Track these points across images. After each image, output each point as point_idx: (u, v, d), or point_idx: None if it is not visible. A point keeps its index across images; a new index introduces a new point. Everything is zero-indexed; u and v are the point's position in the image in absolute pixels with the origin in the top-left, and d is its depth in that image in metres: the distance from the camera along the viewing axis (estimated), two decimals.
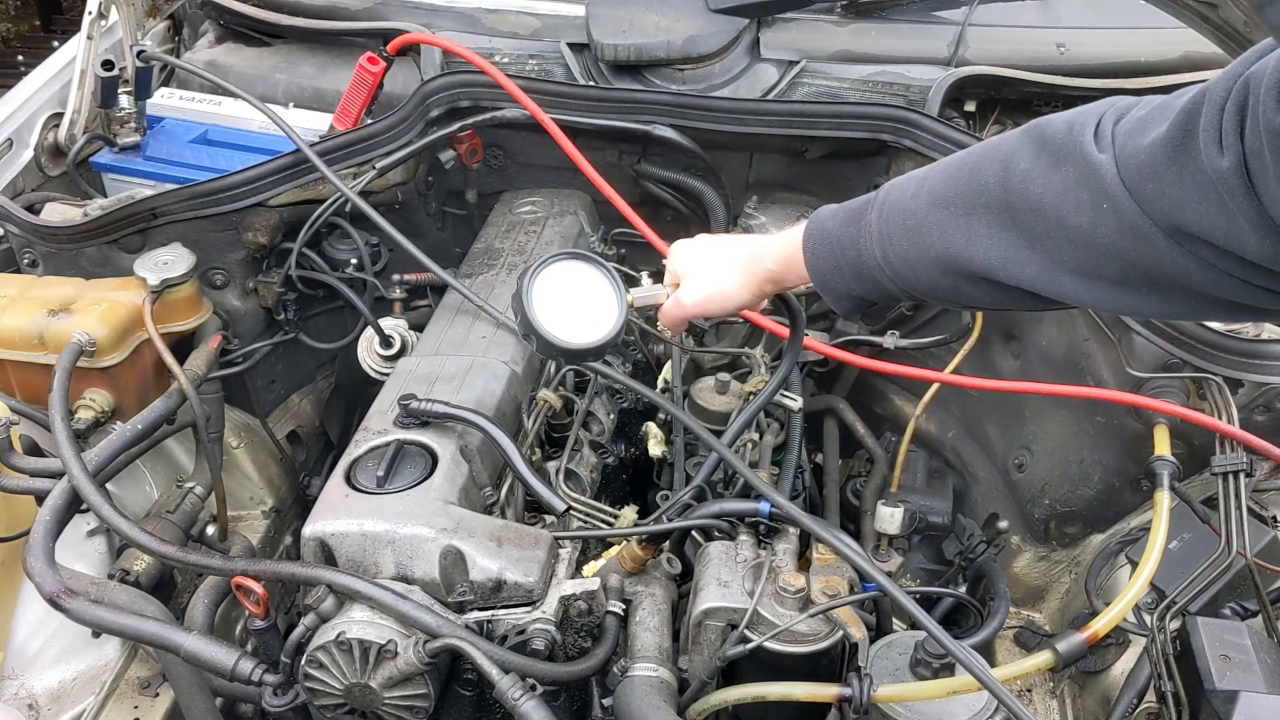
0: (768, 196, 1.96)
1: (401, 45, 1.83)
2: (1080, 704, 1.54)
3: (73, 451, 1.32)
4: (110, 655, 1.48)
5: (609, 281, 1.18)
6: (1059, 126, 0.86)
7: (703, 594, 1.26)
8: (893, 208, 1.01)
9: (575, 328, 1.15)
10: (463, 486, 1.30)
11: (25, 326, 1.54)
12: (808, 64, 1.87)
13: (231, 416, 1.88)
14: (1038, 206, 0.86)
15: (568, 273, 1.17)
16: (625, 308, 1.17)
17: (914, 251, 0.98)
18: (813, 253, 1.09)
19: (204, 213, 1.67)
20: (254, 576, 1.19)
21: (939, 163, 1.01)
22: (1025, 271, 0.89)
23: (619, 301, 1.17)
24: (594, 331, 1.16)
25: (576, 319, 1.15)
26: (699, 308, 1.16)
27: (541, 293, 1.14)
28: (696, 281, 1.16)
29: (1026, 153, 0.88)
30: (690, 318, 1.18)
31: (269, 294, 1.79)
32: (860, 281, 1.06)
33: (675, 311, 1.18)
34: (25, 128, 1.90)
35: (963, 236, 0.93)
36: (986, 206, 0.91)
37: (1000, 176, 0.90)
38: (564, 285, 1.16)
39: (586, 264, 1.18)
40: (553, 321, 1.14)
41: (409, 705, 1.18)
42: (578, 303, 1.16)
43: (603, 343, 1.15)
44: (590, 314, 1.17)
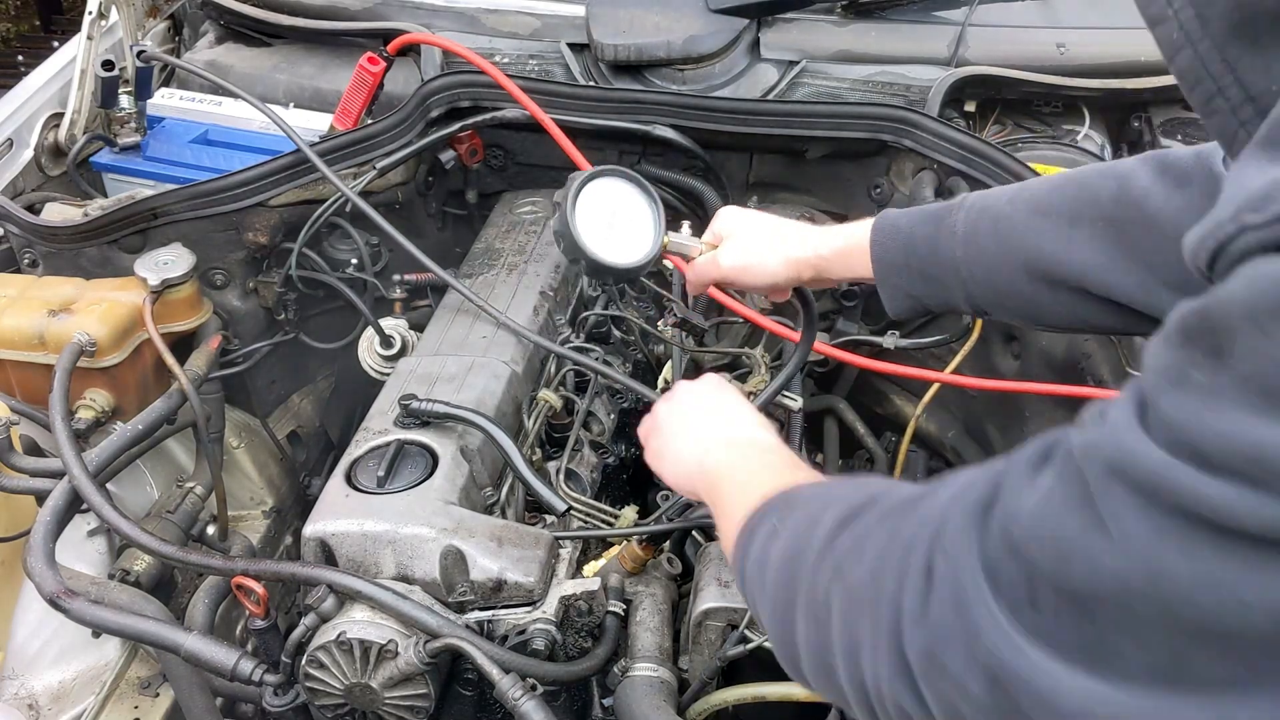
0: (768, 196, 1.96)
1: (402, 45, 1.83)
2: None
3: (73, 451, 1.32)
4: (110, 655, 1.48)
5: (651, 211, 1.17)
6: (1185, 154, 0.88)
7: (703, 594, 1.26)
8: (984, 211, 1.01)
9: (608, 244, 1.14)
10: (463, 486, 1.30)
11: (25, 326, 1.54)
12: (808, 64, 1.87)
13: (232, 416, 1.88)
14: (1153, 221, 0.86)
15: (615, 189, 1.16)
16: (661, 242, 1.16)
17: (1000, 252, 0.98)
18: (881, 246, 1.08)
19: (204, 213, 1.68)
20: (254, 576, 1.19)
21: (1040, 178, 1.02)
22: (1123, 281, 0.89)
23: (656, 234, 1.17)
24: (625, 254, 1.15)
25: (611, 236, 1.14)
26: (733, 272, 1.15)
27: (589, 199, 1.13)
28: (738, 246, 1.15)
29: (1147, 172, 0.89)
30: (720, 280, 1.18)
31: (269, 294, 1.79)
32: (925, 283, 1.06)
33: (707, 269, 1.17)
34: (25, 128, 1.90)
35: (1062, 241, 0.93)
36: (1093, 219, 0.91)
37: (1116, 191, 0.90)
38: (609, 200, 1.15)
39: (636, 188, 1.17)
40: (589, 231, 1.12)
41: (409, 705, 1.18)
42: (616, 220, 1.15)
43: (630, 267, 1.15)
44: (625, 236, 1.15)
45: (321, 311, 1.92)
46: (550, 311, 1.68)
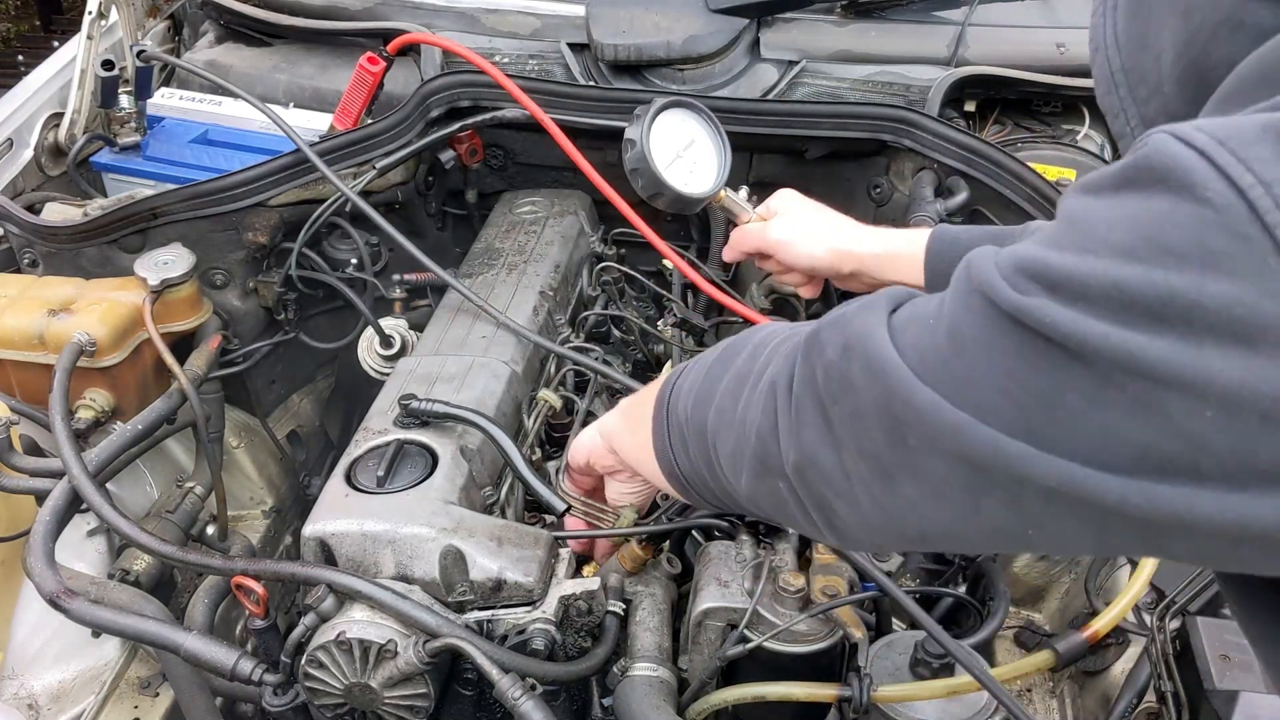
0: (767, 196, 1.96)
1: (401, 45, 1.83)
2: (1080, 704, 1.54)
3: (73, 451, 1.32)
4: (110, 655, 1.48)
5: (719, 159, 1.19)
6: None
7: (703, 594, 1.26)
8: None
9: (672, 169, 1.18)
10: (463, 486, 1.30)
11: (25, 326, 1.54)
12: (808, 64, 1.87)
13: (231, 416, 1.88)
14: None
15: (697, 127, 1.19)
16: (720, 188, 1.20)
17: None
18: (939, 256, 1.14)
19: (204, 213, 1.68)
20: (254, 576, 1.19)
21: None
22: None
23: (718, 179, 1.19)
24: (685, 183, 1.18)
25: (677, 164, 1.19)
26: (778, 246, 1.20)
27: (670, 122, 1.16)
28: (791, 222, 1.20)
29: None
30: (763, 250, 1.23)
31: (269, 294, 1.79)
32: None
33: (753, 237, 1.22)
34: (25, 128, 1.90)
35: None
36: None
37: None
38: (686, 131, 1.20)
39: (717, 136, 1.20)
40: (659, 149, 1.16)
41: (409, 705, 1.18)
42: (687, 152, 1.19)
43: (684, 195, 1.18)
44: (689, 168, 1.20)
45: (321, 311, 1.92)
46: (550, 311, 1.68)
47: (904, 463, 0.59)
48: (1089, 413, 0.48)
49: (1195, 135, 0.46)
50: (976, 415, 0.53)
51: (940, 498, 0.58)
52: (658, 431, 0.94)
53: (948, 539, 0.61)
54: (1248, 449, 0.44)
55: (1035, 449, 0.51)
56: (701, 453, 0.85)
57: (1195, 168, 0.45)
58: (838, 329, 0.65)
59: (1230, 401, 0.44)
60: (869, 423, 0.60)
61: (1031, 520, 0.54)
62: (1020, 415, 0.51)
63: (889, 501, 0.62)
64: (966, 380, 0.54)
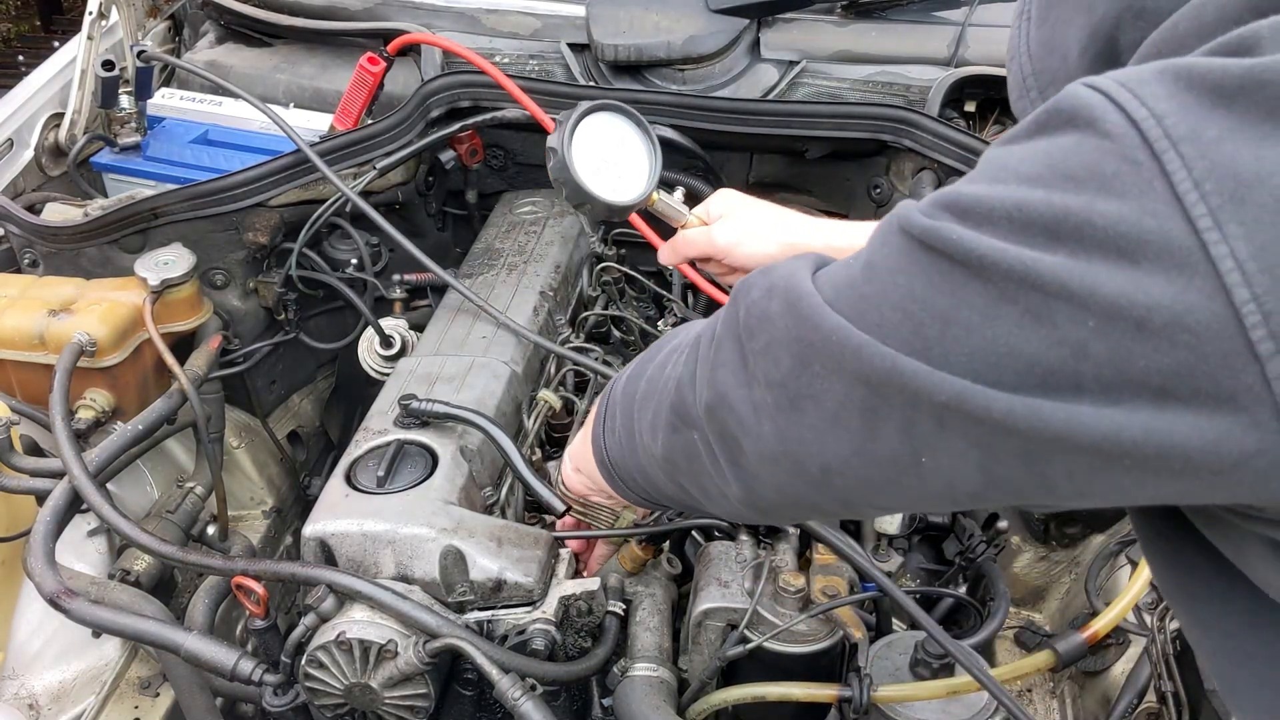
0: (767, 196, 1.95)
1: (402, 45, 1.83)
2: (1080, 704, 1.54)
3: (73, 451, 1.32)
4: (110, 655, 1.48)
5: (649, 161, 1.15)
6: None
7: (703, 594, 1.26)
8: None
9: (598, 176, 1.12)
10: (463, 486, 1.30)
11: (26, 326, 1.54)
12: (808, 64, 1.87)
13: (232, 416, 1.88)
14: None
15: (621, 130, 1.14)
16: (650, 193, 1.14)
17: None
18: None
19: (204, 213, 1.68)
20: (254, 576, 1.19)
21: None
22: None
23: (647, 184, 1.15)
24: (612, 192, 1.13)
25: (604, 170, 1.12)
26: (726, 249, 1.16)
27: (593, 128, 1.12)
28: (736, 223, 1.16)
29: None
30: (711, 255, 1.18)
31: (269, 294, 1.79)
32: None
33: (697, 240, 1.18)
34: (25, 128, 1.90)
35: None
36: None
37: None
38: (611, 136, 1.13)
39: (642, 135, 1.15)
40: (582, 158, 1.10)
41: (409, 705, 1.18)
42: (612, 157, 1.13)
43: (611, 203, 1.12)
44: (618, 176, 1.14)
45: (321, 311, 1.92)
46: (550, 311, 1.68)
47: (807, 388, 0.61)
48: (982, 328, 0.51)
49: (1101, 80, 0.50)
50: (877, 336, 0.56)
51: (839, 423, 0.60)
52: (594, 424, 0.98)
53: (846, 472, 0.62)
54: (1124, 357, 0.47)
55: (929, 366, 0.53)
56: (626, 427, 0.89)
57: (1097, 105, 0.48)
58: (765, 273, 0.68)
59: (1110, 310, 0.47)
60: (779, 351, 0.64)
61: (925, 445, 0.57)
62: (918, 333, 0.54)
63: (791, 431, 0.64)
64: (872, 303, 0.57)
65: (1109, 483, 0.52)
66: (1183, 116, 0.46)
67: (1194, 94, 0.46)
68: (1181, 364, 0.46)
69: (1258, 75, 0.45)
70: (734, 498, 0.74)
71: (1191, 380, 0.46)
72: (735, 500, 0.75)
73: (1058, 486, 0.54)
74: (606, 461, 0.95)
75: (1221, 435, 0.46)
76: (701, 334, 0.76)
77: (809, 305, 0.61)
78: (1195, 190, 0.45)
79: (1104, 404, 0.49)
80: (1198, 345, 0.45)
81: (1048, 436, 0.51)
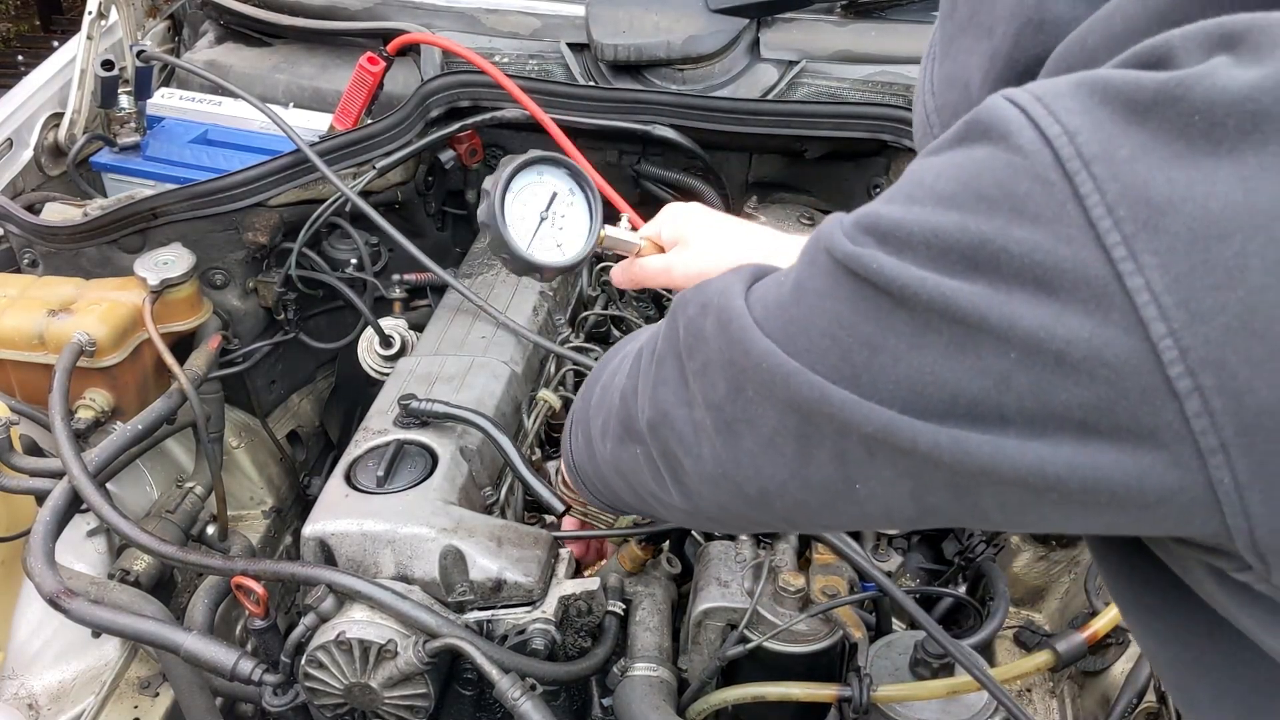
0: (768, 196, 1.96)
1: (401, 45, 1.83)
2: (1080, 704, 1.54)
3: (73, 451, 1.32)
4: (110, 655, 1.48)
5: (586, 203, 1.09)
6: None
7: (702, 594, 1.26)
8: None
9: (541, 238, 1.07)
10: (463, 486, 1.30)
11: (25, 326, 1.54)
12: (808, 64, 1.87)
13: (231, 416, 1.88)
14: None
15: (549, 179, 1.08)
16: (595, 237, 1.09)
17: None
18: None
19: (204, 213, 1.67)
20: (254, 576, 1.19)
21: None
22: None
23: (592, 228, 1.09)
24: (556, 251, 1.08)
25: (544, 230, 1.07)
26: (685, 280, 1.08)
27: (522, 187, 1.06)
28: (693, 254, 1.08)
29: None
30: (667, 285, 1.11)
31: (269, 294, 1.79)
32: None
33: (654, 272, 1.11)
34: (25, 128, 1.90)
35: None
36: None
37: None
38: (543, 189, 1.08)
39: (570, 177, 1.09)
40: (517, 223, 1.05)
41: (409, 705, 1.18)
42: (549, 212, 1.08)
43: (558, 266, 1.08)
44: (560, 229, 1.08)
45: (321, 311, 1.92)
46: (550, 311, 1.68)
47: (742, 413, 0.61)
48: (908, 357, 0.50)
49: (1017, 93, 0.48)
50: (806, 363, 0.55)
51: (774, 449, 0.60)
52: (564, 430, 0.98)
53: (784, 496, 0.62)
54: (1046, 390, 0.46)
55: (857, 395, 0.53)
56: (585, 433, 0.89)
57: (1012, 118, 0.47)
58: (700, 289, 0.68)
59: (1030, 344, 0.46)
60: (715, 373, 0.63)
61: (857, 473, 0.56)
62: (846, 359, 0.53)
63: (728, 455, 0.64)
64: (800, 327, 0.56)
65: (1040, 514, 0.52)
66: (1095, 133, 0.45)
67: (1108, 109, 0.45)
68: (1102, 399, 0.45)
69: (1171, 90, 0.43)
70: (679, 510, 0.75)
71: (1113, 416, 0.45)
72: (681, 512, 0.75)
73: (990, 516, 0.54)
74: (573, 467, 0.96)
75: (1145, 471, 0.45)
76: (644, 346, 0.75)
77: (740, 328, 0.60)
78: (1109, 216, 0.44)
79: (1028, 437, 0.48)
80: (1117, 381, 0.44)
81: (974, 469, 0.50)
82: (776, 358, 0.57)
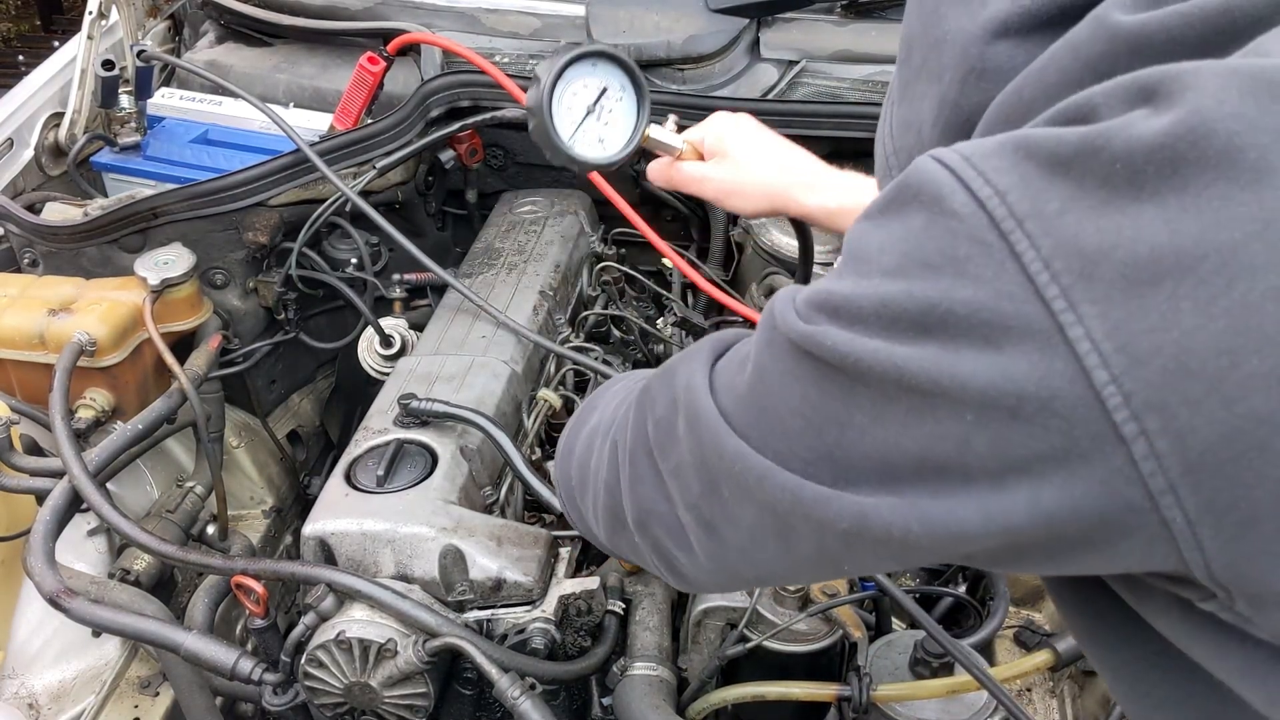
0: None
1: (402, 45, 1.83)
2: (1080, 704, 1.54)
3: (73, 451, 1.32)
4: (110, 655, 1.48)
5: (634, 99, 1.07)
6: None
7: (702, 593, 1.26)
8: None
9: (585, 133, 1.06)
10: (463, 486, 1.30)
11: (25, 326, 1.54)
12: (808, 64, 1.87)
13: (231, 416, 1.88)
14: None
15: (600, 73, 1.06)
16: (640, 136, 1.07)
17: None
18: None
19: (204, 212, 1.68)
20: (254, 575, 1.19)
21: None
22: None
23: (638, 125, 1.08)
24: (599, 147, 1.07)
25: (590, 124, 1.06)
26: (715, 198, 1.10)
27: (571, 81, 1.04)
28: (729, 170, 1.08)
29: None
30: (698, 194, 1.12)
31: (269, 294, 1.79)
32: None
33: (689, 178, 1.10)
34: (25, 127, 1.90)
35: None
36: None
37: None
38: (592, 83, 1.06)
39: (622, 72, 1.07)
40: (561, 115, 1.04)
41: (409, 704, 1.18)
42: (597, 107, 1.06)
43: (601, 162, 1.07)
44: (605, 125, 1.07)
45: (321, 311, 1.92)
46: (550, 311, 1.68)
47: (721, 512, 0.62)
48: (872, 430, 0.51)
49: (946, 154, 0.49)
50: (777, 459, 0.56)
51: (758, 543, 0.61)
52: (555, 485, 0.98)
53: (779, 578, 0.65)
54: (1003, 446, 0.47)
55: (831, 489, 0.53)
56: (575, 507, 0.89)
57: (944, 182, 0.48)
58: (665, 382, 0.68)
59: (984, 402, 0.47)
60: (689, 474, 0.64)
61: (841, 557, 0.58)
62: (819, 439, 0.54)
63: (717, 550, 0.65)
64: (769, 418, 0.57)
65: (1032, 563, 0.53)
66: (1024, 192, 0.46)
67: (1033, 165, 0.46)
68: (1057, 449, 0.46)
69: (1091, 142, 0.44)
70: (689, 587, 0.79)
71: (1068, 464, 0.46)
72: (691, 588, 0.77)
73: (979, 562, 0.55)
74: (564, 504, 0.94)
75: (1103, 514, 0.46)
76: (618, 437, 0.75)
77: (709, 426, 0.60)
78: (1046, 270, 0.44)
79: (993, 491, 0.49)
80: (1068, 430, 0.45)
81: (947, 538, 0.51)
82: (749, 459, 0.57)
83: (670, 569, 0.73)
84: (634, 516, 0.73)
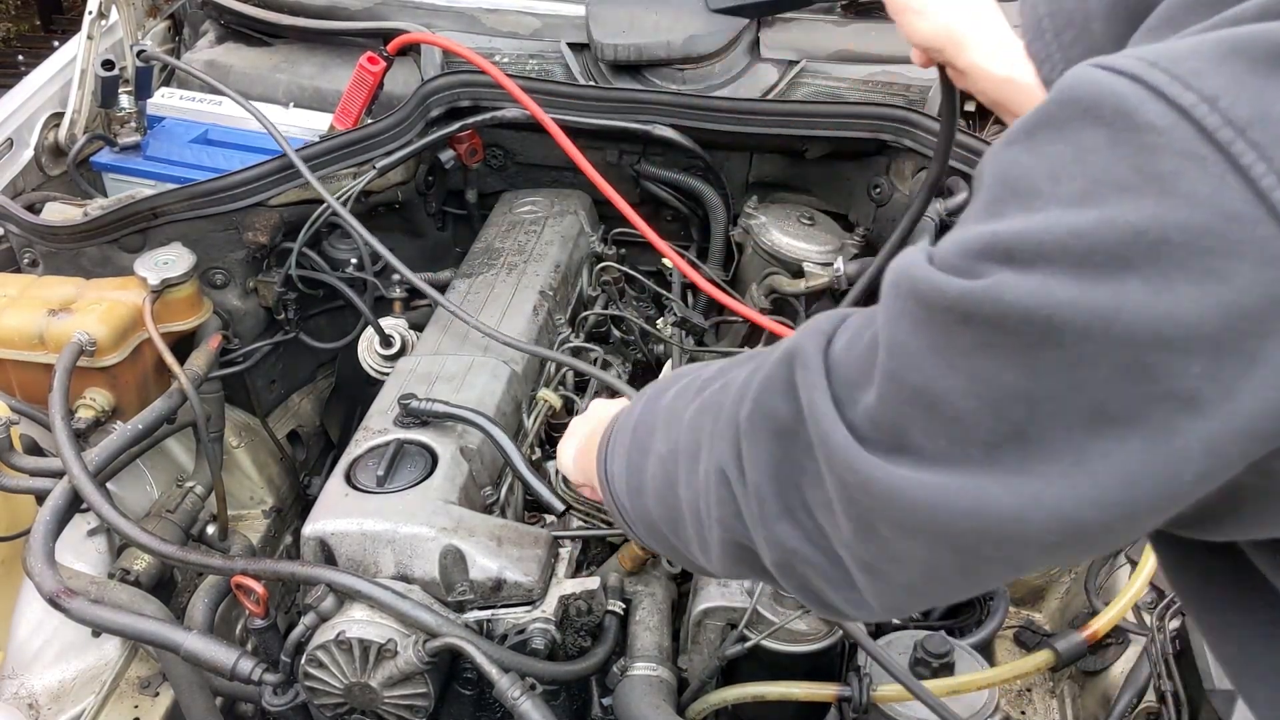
0: (768, 196, 1.96)
1: (402, 45, 1.83)
2: (1080, 704, 1.54)
3: (73, 451, 1.32)
4: (110, 655, 1.48)
5: None
6: None
7: (702, 593, 1.26)
8: None
9: None
10: (463, 486, 1.30)
11: (25, 326, 1.54)
12: (808, 64, 1.87)
13: (231, 416, 1.88)
14: None
15: None
16: None
17: None
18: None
19: (204, 212, 1.67)
20: (254, 576, 1.19)
21: None
22: None
23: None
24: None
25: None
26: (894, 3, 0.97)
27: None
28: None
29: None
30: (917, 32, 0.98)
31: (269, 294, 1.79)
32: None
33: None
34: (25, 127, 1.90)
35: None
36: None
37: None
38: None
39: None
40: None
41: (409, 704, 1.18)
42: None
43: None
44: None
45: (321, 311, 1.92)
46: (550, 311, 1.68)
47: (882, 553, 0.53)
48: (1072, 399, 0.43)
49: (1121, 61, 0.42)
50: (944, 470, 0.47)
51: (935, 580, 0.53)
52: (610, 509, 0.85)
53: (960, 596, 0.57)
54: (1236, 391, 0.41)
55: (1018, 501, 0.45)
56: (660, 540, 0.78)
57: (1126, 93, 0.41)
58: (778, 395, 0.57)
59: (1218, 343, 0.40)
60: (836, 514, 0.55)
61: (1041, 564, 0.52)
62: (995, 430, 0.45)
63: (883, 590, 0.56)
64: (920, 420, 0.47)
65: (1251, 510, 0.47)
66: (1240, 94, 0.39)
67: (1244, 63, 0.39)
68: None
69: None
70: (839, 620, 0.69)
71: None
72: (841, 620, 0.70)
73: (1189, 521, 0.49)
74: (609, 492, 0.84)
75: None
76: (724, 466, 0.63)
77: (846, 460, 0.51)
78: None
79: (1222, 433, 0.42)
80: None
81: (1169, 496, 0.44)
82: (905, 493, 0.48)
83: (822, 605, 0.62)
84: (774, 559, 0.62)
